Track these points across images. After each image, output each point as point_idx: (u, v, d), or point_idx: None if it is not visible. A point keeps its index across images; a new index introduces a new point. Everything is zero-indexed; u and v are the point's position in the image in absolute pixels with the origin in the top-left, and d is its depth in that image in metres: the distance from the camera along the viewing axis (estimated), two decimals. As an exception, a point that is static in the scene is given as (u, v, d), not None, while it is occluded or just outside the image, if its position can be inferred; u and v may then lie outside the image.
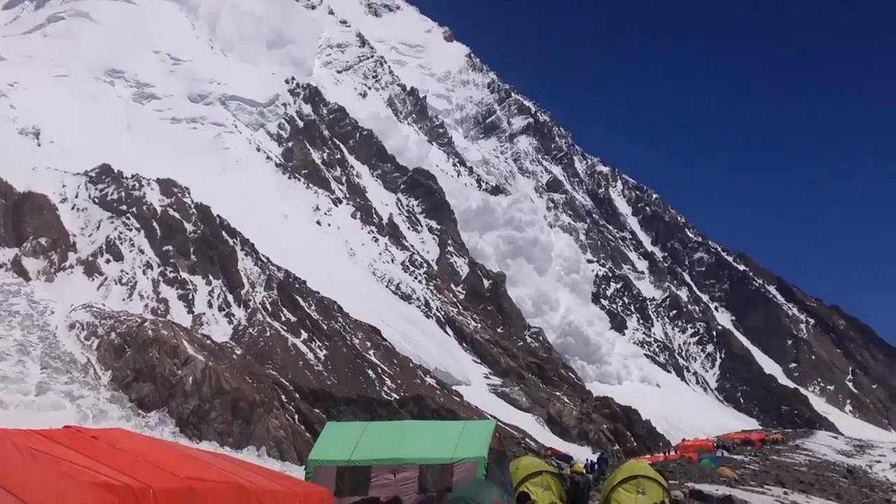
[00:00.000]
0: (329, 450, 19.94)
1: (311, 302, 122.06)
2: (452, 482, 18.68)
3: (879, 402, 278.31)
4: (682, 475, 48.33)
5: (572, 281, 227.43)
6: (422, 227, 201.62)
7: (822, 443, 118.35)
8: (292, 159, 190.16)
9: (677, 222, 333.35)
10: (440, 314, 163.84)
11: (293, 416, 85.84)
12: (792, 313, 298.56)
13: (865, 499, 54.89)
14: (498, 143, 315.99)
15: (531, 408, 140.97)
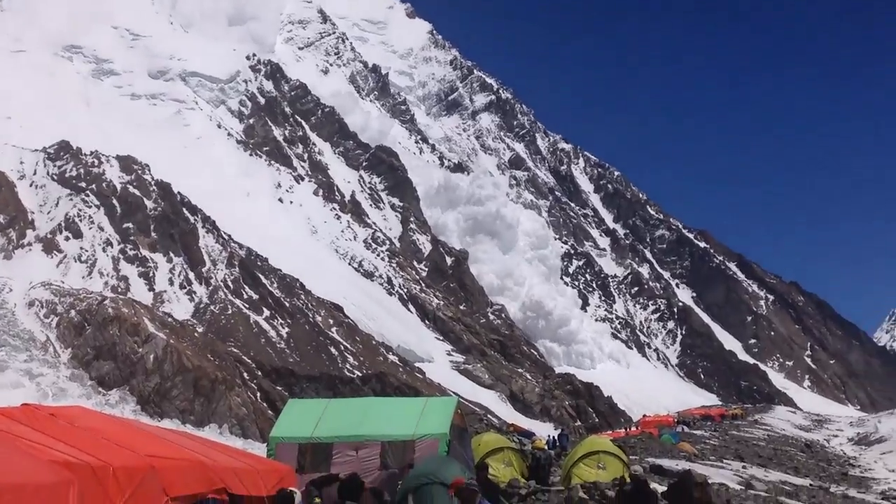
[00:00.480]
0: (291, 427, 19.91)
1: (273, 279, 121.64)
2: (414, 459, 18.70)
3: (837, 378, 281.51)
4: (643, 450, 48.68)
5: (539, 257, 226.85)
6: (384, 205, 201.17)
7: (780, 418, 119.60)
8: (254, 136, 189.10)
9: (639, 199, 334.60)
10: (403, 291, 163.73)
11: (255, 393, 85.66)
12: (751, 290, 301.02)
13: (823, 472, 55.55)
14: (460, 121, 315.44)
15: (494, 384, 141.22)
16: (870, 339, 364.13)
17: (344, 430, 19.39)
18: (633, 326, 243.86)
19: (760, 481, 39.23)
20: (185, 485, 10.09)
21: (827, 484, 46.38)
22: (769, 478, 42.79)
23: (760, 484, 37.68)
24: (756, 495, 31.15)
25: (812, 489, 41.25)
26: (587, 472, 25.70)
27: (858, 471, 62.15)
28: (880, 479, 57.27)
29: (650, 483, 20.56)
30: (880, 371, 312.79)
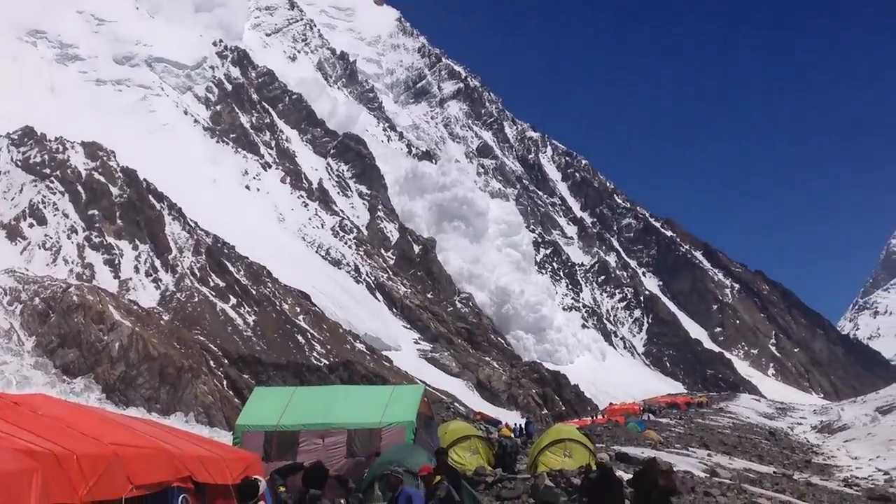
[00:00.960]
0: (257, 415, 19.88)
1: (239, 267, 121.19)
2: (381, 447, 18.73)
3: (801, 366, 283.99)
4: (609, 438, 48.90)
5: (510, 244, 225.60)
6: (352, 193, 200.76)
7: (745, 406, 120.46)
8: (220, 123, 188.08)
9: (606, 188, 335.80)
10: (370, 279, 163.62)
11: (222, 381, 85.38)
12: (717, 278, 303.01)
13: (786, 460, 56.01)
14: (428, 108, 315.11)
15: (461, 373, 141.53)
16: (833, 328, 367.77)
17: (310, 419, 19.38)
18: (599, 315, 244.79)
19: (725, 469, 39.51)
20: (149, 473, 10.04)
21: (790, 471, 46.78)
22: (733, 465, 43.11)
23: (725, 471, 37.95)
24: (720, 483, 31.36)
25: (776, 477, 41.58)
26: (553, 459, 25.80)
27: (822, 458, 62.72)
28: (843, 466, 57.84)
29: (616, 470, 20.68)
30: (843, 359, 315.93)
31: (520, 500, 21.41)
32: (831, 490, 39.59)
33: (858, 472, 53.56)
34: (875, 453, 63.81)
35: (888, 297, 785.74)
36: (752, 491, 30.46)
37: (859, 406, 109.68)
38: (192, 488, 11.01)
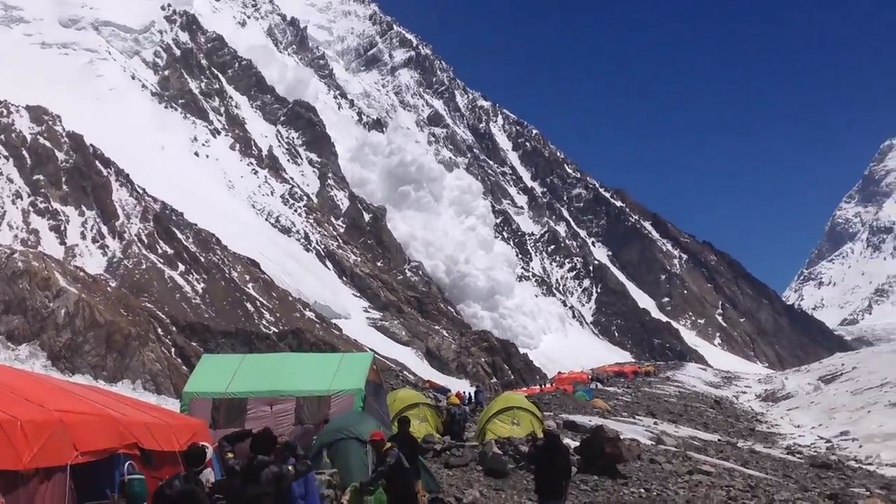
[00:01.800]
0: (205, 382, 19.77)
1: (188, 234, 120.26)
2: (329, 414, 18.72)
3: (746, 336, 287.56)
4: (557, 407, 49.28)
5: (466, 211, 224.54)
6: (302, 160, 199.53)
7: (691, 375, 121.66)
8: (169, 88, 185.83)
9: (557, 158, 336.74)
10: (320, 247, 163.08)
11: (170, 349, 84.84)
12: (666, 249, 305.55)
13: (731, 428, 56.76)
14: (379, 76, 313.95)
15: (410, 341, 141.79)
16: (779, 299, 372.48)
17: (259, 386, 19.33)
18: (549, 284, 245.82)
19: (670, 437, 39.96)
20: (95, 440, 9.98)
21: (735, 439, 47.43)
22: (679, 433, 43.62)
23: (670, 439, 38.39)
24: (666, 450, 31.75)
25: (720, 444, 42.14)
26: (501, 427, 25.99)
27: (765, 426, 63.61)
28: (786, 434, 58.72)
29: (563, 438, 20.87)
30: (788, 329, 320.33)
31: (468, 467, 21.54)
32: (774, 457, 40.19)
33: (801, 440, 54.40)
34: (817, 421, 64.83)
35: (832, 268, 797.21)
36: (697, 458, 30.87)
37: (803, 375, 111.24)
38: (138, 455, 10.97)
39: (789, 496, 24.17)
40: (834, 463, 39.68)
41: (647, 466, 25.65)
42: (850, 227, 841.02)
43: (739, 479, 26.92)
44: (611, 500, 20.08)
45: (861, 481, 34.54)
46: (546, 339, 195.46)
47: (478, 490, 18.47)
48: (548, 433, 16.26)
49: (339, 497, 14.55)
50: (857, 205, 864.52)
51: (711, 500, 21.39)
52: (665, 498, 21.08)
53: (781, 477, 31.31)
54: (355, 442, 15.84)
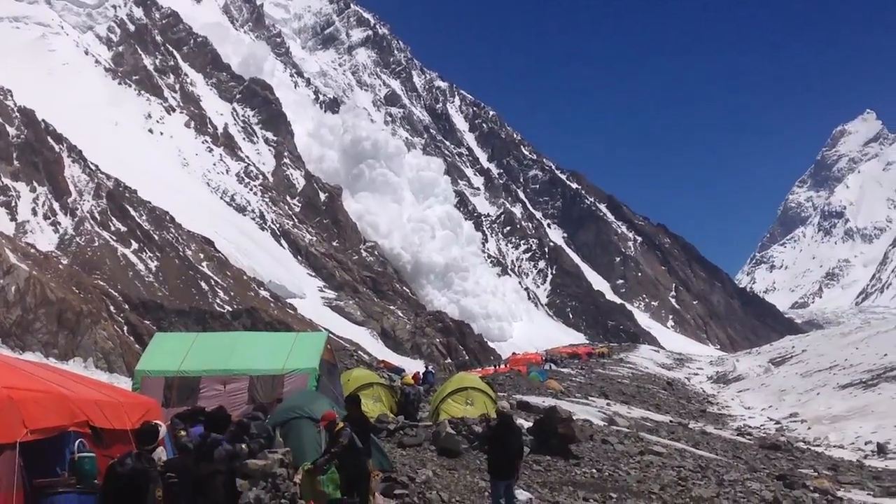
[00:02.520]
0: (157, 360, 19.62)
1: (142, 212, 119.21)
2: (283, 393, 18.67)
3: (699, 318, 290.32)
4: (511, 387, 49.41)
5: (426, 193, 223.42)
6: (258, 138, 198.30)
7: (644, 356, 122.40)
8: (123, 64, 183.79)
9: (513, 139, 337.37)
10: (275, 226, 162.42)
11: (122, 327, 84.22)
12: (621, 231, 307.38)
13: (683, 409, 57.30)
14: (336, 55, 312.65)
15: (365, 321, 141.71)
16: (731, 282, 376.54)
17: (212, 365, 19.23)
18: (504, 265, 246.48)
19: (623, 417, 40.26)
20: (45, 417, 9.88)
21: (686, 420, 47.90)
22: (631, 414, 43.95)
23: (623, 420, 38.69)
24: (618, 431, 31.99)
25: (672, 425, 42.53)
26: (455, 408, 26.03)
27: (716, 408, 64.29)
28: (736, 415, 59.38)
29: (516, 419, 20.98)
30: (740, 312, 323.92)
31: (421, 447, 21.57)
32: (725, 438, 40.64)
33: (751, 422, 55.06)
34: (767, 403, 65.65)
35: (784, 251, 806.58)
36: (649, 439, 31.13)
37: (753, 357, 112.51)
38: (89, 433, 10.88)
39: (738, 476, 24.46)
40: (783, 444, 40.15)
41: (600, 447, 25.85)
42: (801, 212, 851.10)
43: (690, 459, 27.21)
44: (563, 480, 20.20)
45: (809, 462, 35.01)
46: (510, 324, 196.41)
47: (431, 470, 18.50)
48: (501, 413, 16.31)
49: (291, 476, 14.53)
50: (809, 189, 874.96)
51: (662, 480, 21.59)
52: (616, 478, 21.25)
53: (731, 458, 31.67)
54: (308, 421, 15.80)
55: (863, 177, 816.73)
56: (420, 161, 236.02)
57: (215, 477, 10.86)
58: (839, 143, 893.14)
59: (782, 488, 23.48)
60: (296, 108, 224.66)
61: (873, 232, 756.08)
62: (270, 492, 14.00)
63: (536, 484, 19.22)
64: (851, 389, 62.82)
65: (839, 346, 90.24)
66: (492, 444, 15.70)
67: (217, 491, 10.89)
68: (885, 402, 54.80)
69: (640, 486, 20.66)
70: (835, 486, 26.20)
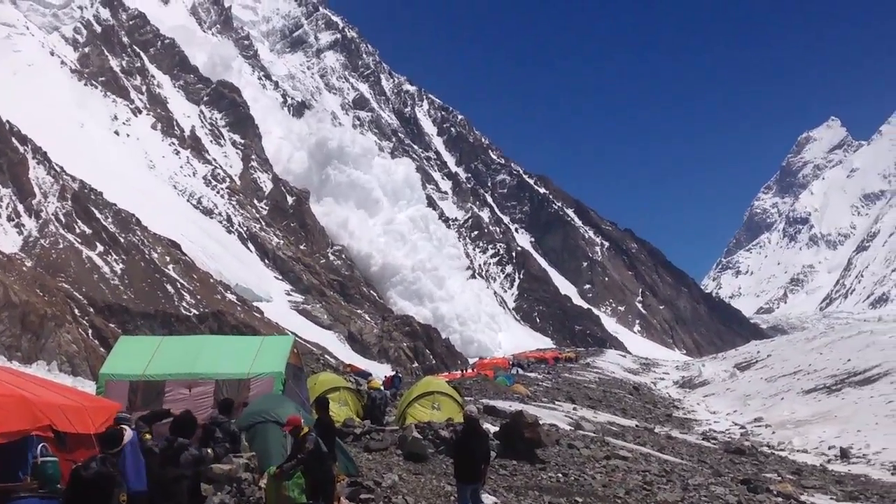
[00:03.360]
0: (122, 364, 19.49)
1: (107, 214, 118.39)
2: (249, 397, 18.61)
3: (665, 323, 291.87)
4: (478, 392, 49.55)
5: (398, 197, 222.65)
6: (225, 141, 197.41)
7: (611, 361, 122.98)
8: (89, 66, 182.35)
9: (481, 144, 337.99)
10: (242, 230, 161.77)
11: (87, 330, 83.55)
12: (588, 236, 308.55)
13: (649, 414, 57.60)
14: (305, 58, 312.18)
15: (332, 325, 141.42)
16: (697, 287, 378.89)
17: (177, 368, 19.13)
18: (472, 270, 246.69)
19: (589, 422, 40.41)
20: (7, 421, 9.82)
21: (652, 425, 48.16)
22: (598, 419, 44.13)
23: (589, 425, 38.82)
24: (584, 435, 32.08)
25: (638, 430, 42.74)
26: (422, 412, 26.09)
27: (682, 413, 64.67)
28: (702, 420, 59.76)
29: (483, 423, 21.03)
30: (706, 317, 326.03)
31: (388, 451, 21.57)
32: (690, 443, 40.88)
33: (716, 426, 55.43)
34: (732, 408, 66.11)
35: (749, 257, 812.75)
36: (615, 444, 31.25)
37: (719, 362, 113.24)
38: (52, 437, 10.82)
39: (703, 481, 24.60)
40: (747, 449, 40.45)
41: (566, 451, 25.92)
42: (767, 218, 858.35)
43: (655, 464, 27.33)
44: (529, 484, 20.25)
45: (773, 467, 35.30)
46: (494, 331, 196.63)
47: (397, 474, 18.51)
48: (467, 417, 16.34)
49: (256, 481, 14.49)
50: (774, 195, 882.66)
51: (627, 485, 21.68)
52: (582, 482, 21.33)
53: (696, 462, 31.87)
54: (274, 425, 15.77)
55: (827, 183, 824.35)
56: (390, 163, 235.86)
57: (180, 481, 10.82)
58: (804, 150, 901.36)
59: (746, 492, 23.65)
60: (264, 111, 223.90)
61: (837, 238, 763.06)
62: (235, 496, 13.96)
63: (502, 488, 19.26)
64: (815, 394, 63.36)
65: (803, 351, 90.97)
66: (458, 449, 15.72)
67: (182, 495, 10.85)
68: (849, 407, 55.31)
69: (606, 490, 20.74)
70: (798, 490, 26.42)
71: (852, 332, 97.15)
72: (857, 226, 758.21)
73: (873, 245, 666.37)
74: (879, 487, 31.98)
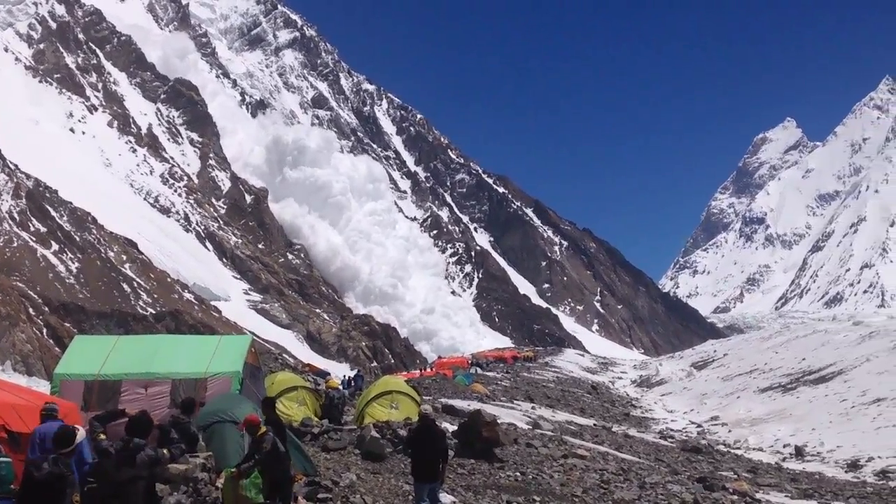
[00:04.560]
0: (77, 363, 19.28)
1: (62, 212, 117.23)
2: (206, 397, 18.49)
3: (623, 322, 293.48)
4: (437, 391, 49.54)
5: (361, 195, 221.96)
6: (183, 139, 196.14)
7: (569, 360, 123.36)
8: (44, 62, 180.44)
9: (441, 143, 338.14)
10: (200, 228, 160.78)
11: (41, 329, 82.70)
12: (547, 235, 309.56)
13: (607, 413, 57.86)
14: (263, 57, 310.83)
15: (291, 324, 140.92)
16: (655, 286, 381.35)
17: (133, 368, 18.94)
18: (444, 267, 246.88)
19: (548, 421, 40.54)
20: (-41, 422, 9.71)
21: (610, 424, 48.37)
22: (556, 418, 44.25)
23: (547, 424, 38.95)
24: (542, 434, 32.18)
25: (595, 429, 42.91)
26: (380, 411, 26.03)
27: (640, 411, 65.03)
28: (659, 419, 60.13)
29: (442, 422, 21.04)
30: (664, 316, 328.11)
31: (346, 451, 21.50)
32: (647, 442, 41.11)
33: (673, 425, 55.81)
34: (689, 407, 66.59)
35: (706, 256, 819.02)
36: (573, 442, 31.37)
37: (676, 361, 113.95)
38: (5, 437, 10.72)
39: (660, 479, 24.75)
40: (704, 447, 40.74)
41: (524, 450, 25.97)
42: (724, 218, 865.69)
43: (613, 462, 27.47)
44: (487, 483, 20.27)
45: (729, 465, 35.58)
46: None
47: (355, 474, 18.46)
48: (423, 416, 16.34)
49: (213, 481, 14.41)
50: (731, 196, 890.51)
51: (585, 483, 21.77)
52: (540, 481, 21.38)
53: (654, 461, 32.05)
54: (231, 425, 15.69)
55: (783, 184, 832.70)
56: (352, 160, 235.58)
57: (136, 482, 10.71)
58: (760, 151, 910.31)
59: (702, 490, 23.81)
60: (222, 110, 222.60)
61: (793, 238, 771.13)
62: (192, 496, 13.87)
63: (461, 487, 19.26)
64: (771, 393, 63.97)
65: (759, 350, 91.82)
66: (414, 448, 15.71)
67: (137, 496, 10.74)
68: (803, 406, 55.90)
69: (564, 489, 20.81)
70: (753, 488, 26.64)
71: (807, 331, 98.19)
72: (812, 226, 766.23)
73: (828, 245, 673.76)
74: (833, 485, 32.33)
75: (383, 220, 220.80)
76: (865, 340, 75.57)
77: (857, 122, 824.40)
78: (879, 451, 40.48)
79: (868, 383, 57.23)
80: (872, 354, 66.98)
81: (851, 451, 41.74)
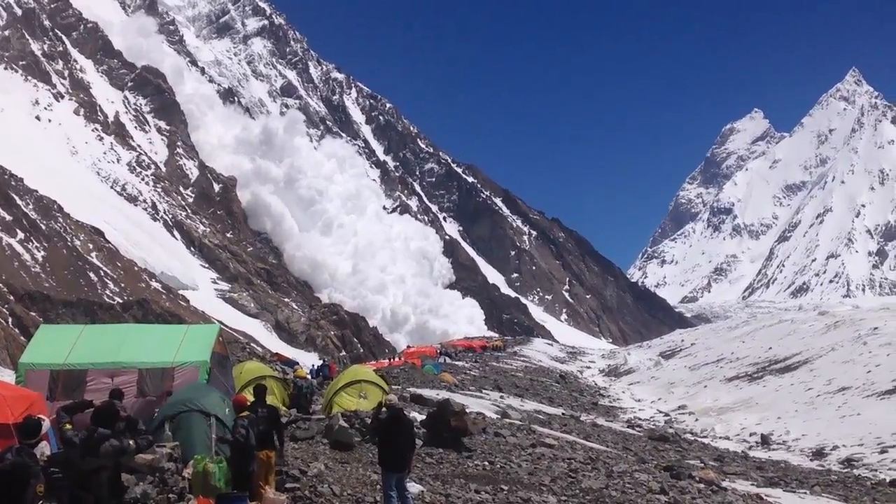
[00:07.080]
0: (42, 353, 19.12)
1: (28, 200, 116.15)
2: (173, 386, 18.39)
3: (592, 312, 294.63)
4: (406, 381, 49.52)
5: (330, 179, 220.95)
6: (150, 127, 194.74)
7: (538, 349, 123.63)
8: (9, 49, 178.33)
9: (410, 132, 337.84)
10: (167, 217, 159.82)
11: (7, 318, 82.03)
12: (516, 225, 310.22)
13: (575, 402, 58.05)
14: (231, 45, 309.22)
15: (259, 313, 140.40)
16: (624, 276, 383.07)
17: (100, 357, 18.80)
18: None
19: (516, 410, 40.62)
20: (-79, 412, 9.61)
21: (578, 413, 48.56)
22: (525, 407, 44.35)
23: (516, 413, 39.03)
24: (511, 423, 32.25)
25: (564, 418, 43.06)
26: (349, 401, 26.03)
27: (608, 401, 65.32)
28: (627, 408, 60.44)
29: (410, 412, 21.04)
30: (632, 306, 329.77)
31: (314, 440, 21.49)
32: (615, 431, 41.31)
33: (641, 414, 56.14)
34: (657, 396, 66.98)
35: (674, 246, 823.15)
36: (541, 432, 31.46)
37: (644, 351, 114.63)
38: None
39: (627, 468, 24.87)
40: (671, 436, 41.03)
41: (492, 440, 26.03)
42: (692, 208, 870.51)
43: (581, 451, 27.57)
44: (455, 472, 20.30)
45: (696, 453, 35.85)
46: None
47: (323, 463, 18.44)
48: (390, 406, 16.37)
49: (179, 471, 14.34)
50: (699, 186, 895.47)
51: (553, 472, 21.84)
52: (508, 470, 21.43)
53: (621, 449, 32.22)
54: (198, 414, 15.62)
55: (750, 174, 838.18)
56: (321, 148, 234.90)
57: (100, 472, 10.64)
58: (728, 141, 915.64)
59: (669, 479, 23.97)
60: (189, 98, 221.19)
61: (760, 228, 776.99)
62: (158, 486, 13.80)
63: (429, 476, 19.29)
64: (737, 382, 64.46)
65: (726, 339, 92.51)
66: (382, 437, 15.71)
67: (101, 486, 10.67)
68: (769, 395, 56.37)
69: (532, 478, 20.87)
70: (720, 476, 26.84)
71: (773, 321, 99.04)
72: (779, 216, 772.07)
73: (794, 235, 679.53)
74: (799, 473, 32.66)
75: (355, 206, 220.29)
76: (831, 330, 76.24)
77: (823, 113, 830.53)
78: (844, 440, 40.93)
79: (833, 372, 57.77)
80: (837, 344, 67.63)
81: (816, 440, 42.17)
